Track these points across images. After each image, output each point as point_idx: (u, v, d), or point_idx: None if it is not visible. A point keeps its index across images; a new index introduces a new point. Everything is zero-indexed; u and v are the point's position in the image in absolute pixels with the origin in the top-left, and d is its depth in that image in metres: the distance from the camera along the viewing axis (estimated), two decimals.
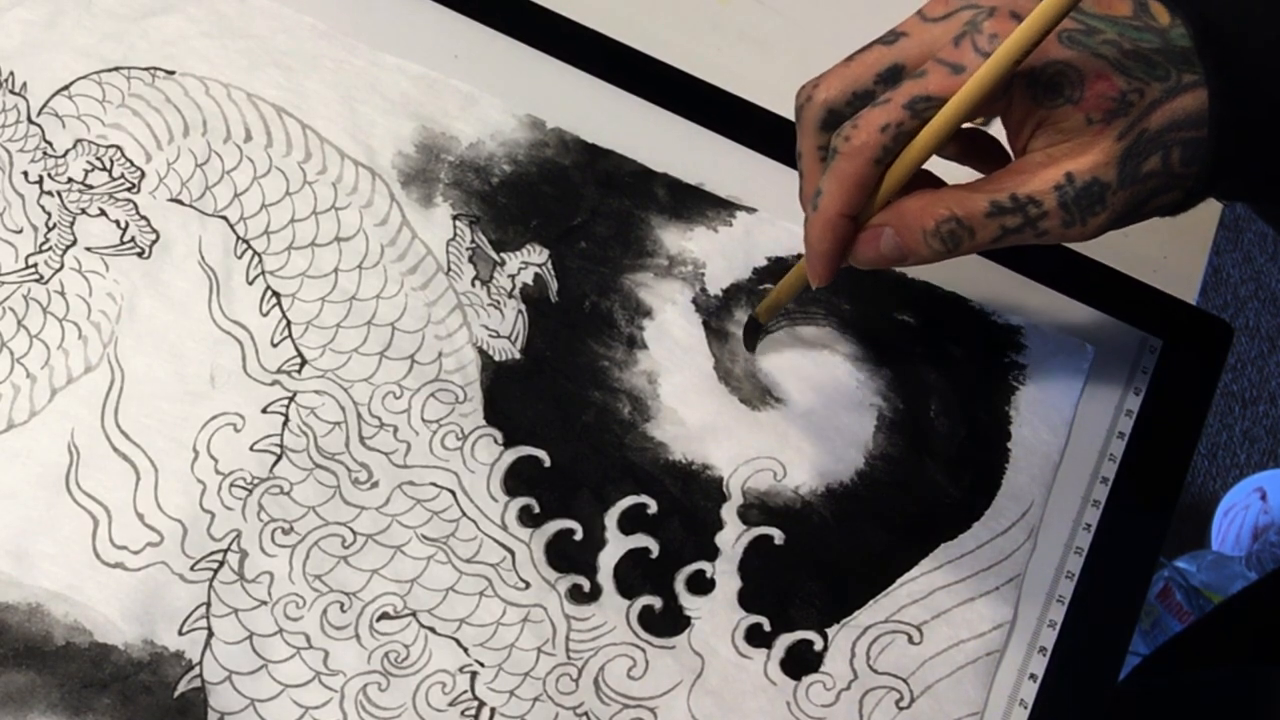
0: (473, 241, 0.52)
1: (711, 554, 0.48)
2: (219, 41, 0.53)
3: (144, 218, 0.50)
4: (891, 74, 0.40)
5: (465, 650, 0.45)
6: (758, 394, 0.51)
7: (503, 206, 0.52)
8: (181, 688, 0.43)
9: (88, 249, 0.49)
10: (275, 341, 0.49)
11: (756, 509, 0.49)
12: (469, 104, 0.54)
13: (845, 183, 0.40)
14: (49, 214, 0.50)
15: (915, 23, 0.41)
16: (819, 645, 0.47)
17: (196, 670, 0.44)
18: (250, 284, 0.50)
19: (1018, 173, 0.39)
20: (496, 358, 0.50)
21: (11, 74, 0.52)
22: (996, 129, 0.43)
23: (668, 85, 0.56)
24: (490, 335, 0.50)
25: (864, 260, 0.42)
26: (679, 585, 0.47)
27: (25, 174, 0.50)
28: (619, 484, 0.48)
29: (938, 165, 0.42)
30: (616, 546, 0.47)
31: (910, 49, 0.40)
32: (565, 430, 0.49)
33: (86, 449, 0.46)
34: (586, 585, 0.47)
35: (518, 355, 0.50)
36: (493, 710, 0.45)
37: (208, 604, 0.45)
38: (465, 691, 0.45)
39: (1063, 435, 0.52)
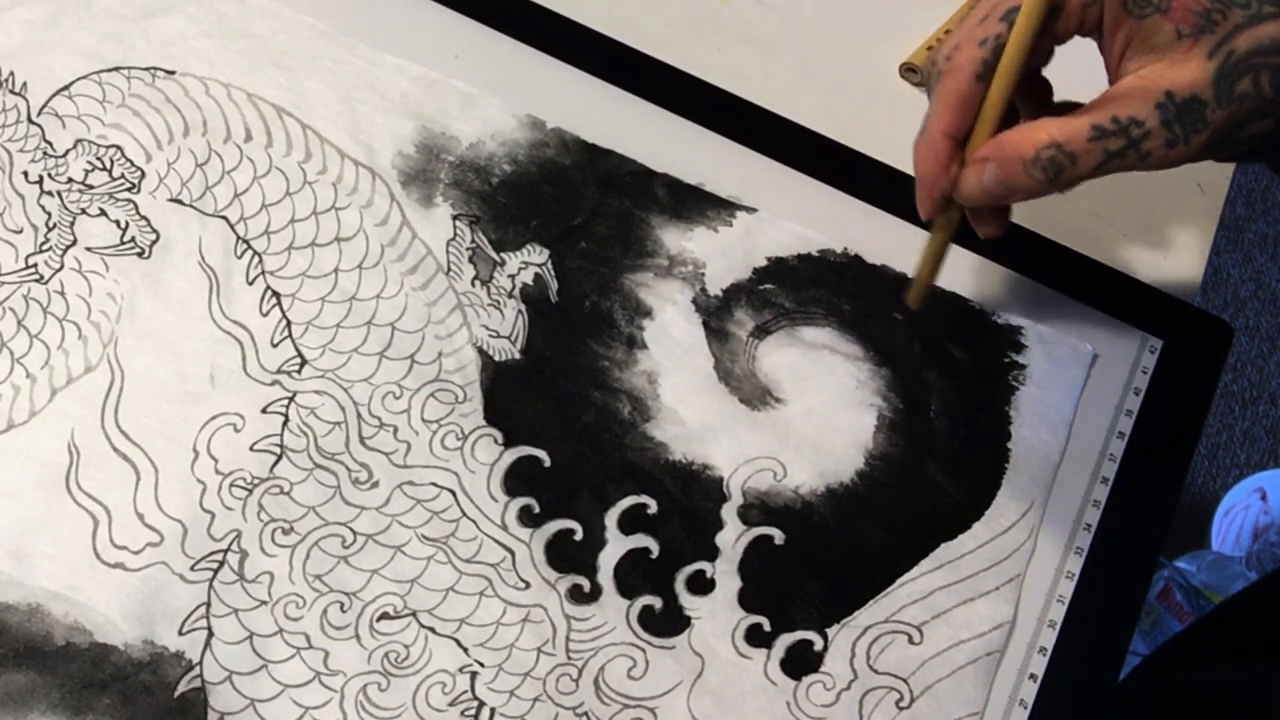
0: (473, 241, 0.52)
1: (711, 554, 0.48)
2: (219, 41, 0.53)
3: (144, 218, 0.50)
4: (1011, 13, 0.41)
5: (465, 650, 0.45)
6: (758, 394, 0.51)
7: (503, 206, 0.52)
8: (181, 688, 0.43)
9: (88, 249, 0.49)
10: (275, 341, 0.49)
11: (756, 509, 0.49)
12: (469, 104, 0.54)
13: (948, 100, 0.40)
14: (49, 214, 0.50)
15: None
16: (819, 645, 0.47)
17: (196, 670, 0.44)
18: (250, 284, 0.50)
19: (1115, 97, 0.40)
20: (496, 358, 0.50)
21: (11, 74, 0.52)
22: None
23: (668, 85, 0.56)
24: (490, 335, 0.50)
25: (968, 195, 0.42)
26: (679, 585, 0.47)
27: (25, 174, 0.50)
28: (619, 484, 0.48)
29: None
30: (616, 546, 0.47)
31: None
32: (565, 430, 0.49)
33: (86, 449, 0.46)
34: (586, 585, 0.47)
35: (518, 355, 0.50)
36: (493, 710, 0.45)
37: (208, 604, 0.45)
38: (465, 691, 0.45)
39: (1063, 435, 0.52)
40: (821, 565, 0.48)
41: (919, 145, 0.42)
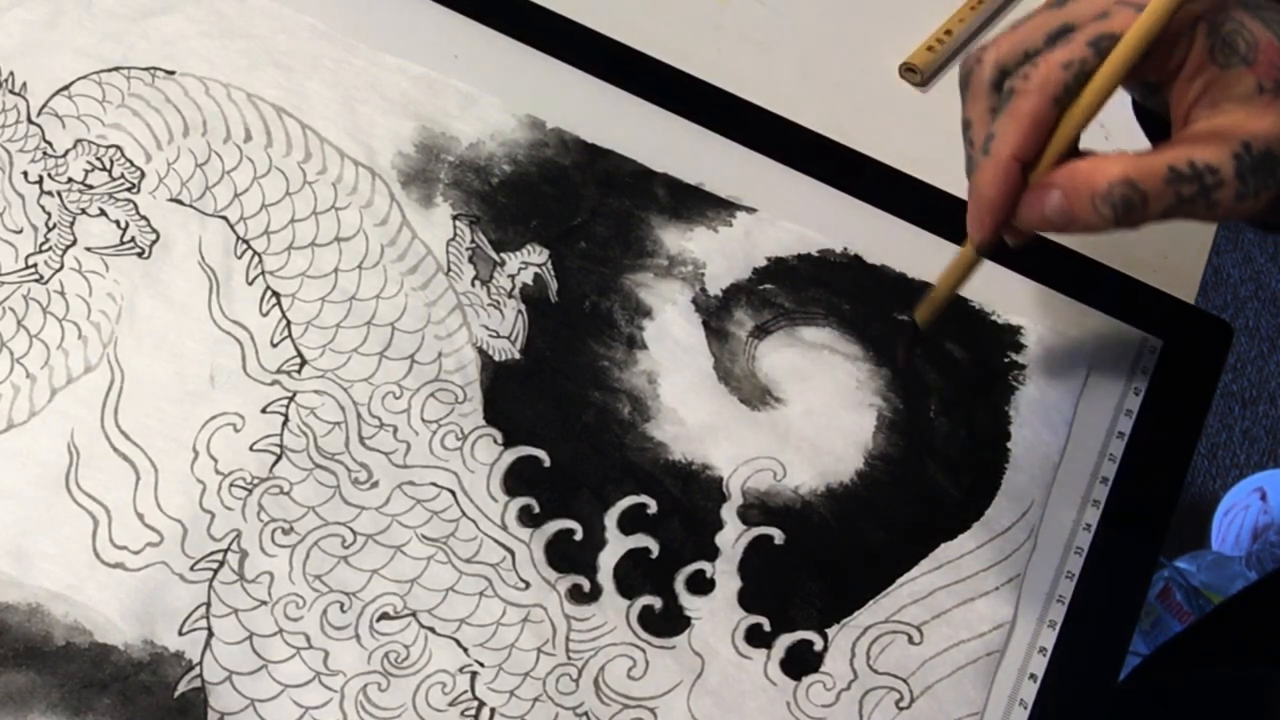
0: (473, 241, 0.52)
1: (711, 554, 0.48)
2: (219, 41, 0.53)
3: (144, 218, 0.50)
4: (1062, 33, 0.39)
5: (465, 650, 0.45)
6: (758, 394, 0.51)
7: (503, 206, 0.52)
8: (181, 688, 0.43)
9: (88, 249, 0.49)
10: (275, 341, 0.49)
11: (756, 509, 0.49)
12: (469, 104, 0.54)
13: (1023, 122, 0.38)
14: (49, 214, 0.50)
15: None
16: (819, 645, 0.47)
17: (196, 670, 0.44)
18: (250, 284, 0.50)
19: (1190, 141, 0.38)
20: (496, 358, 0.50)
21: (11, 74, 0.52)
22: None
23: (668, 85, 0.56)
24: (490, 335, 0.50)
25: (1027, 221, 0.40)
26: (679, 585, 0.47)
27: (25, 174, 0.50)
28: (619, 484, 0.48)
29: None
30: (616, 546, 0.47)
31: (1080, 10, 0.39)
32: (565, 430, 0.49)
33: (86, 449, 0.46)
34: (586, 585, 0.47)
35: (518, 355, 0.50)
36: (493, 710, 0.45)
37: (208, 604, 0.45)
38: (465, 691, 0.45)
39: (1063, 435, 0.52)
40: (821, 565, 0.48)
41: (984, 168, 0.39)
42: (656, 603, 0.47)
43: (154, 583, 0.45)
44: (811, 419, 0.50)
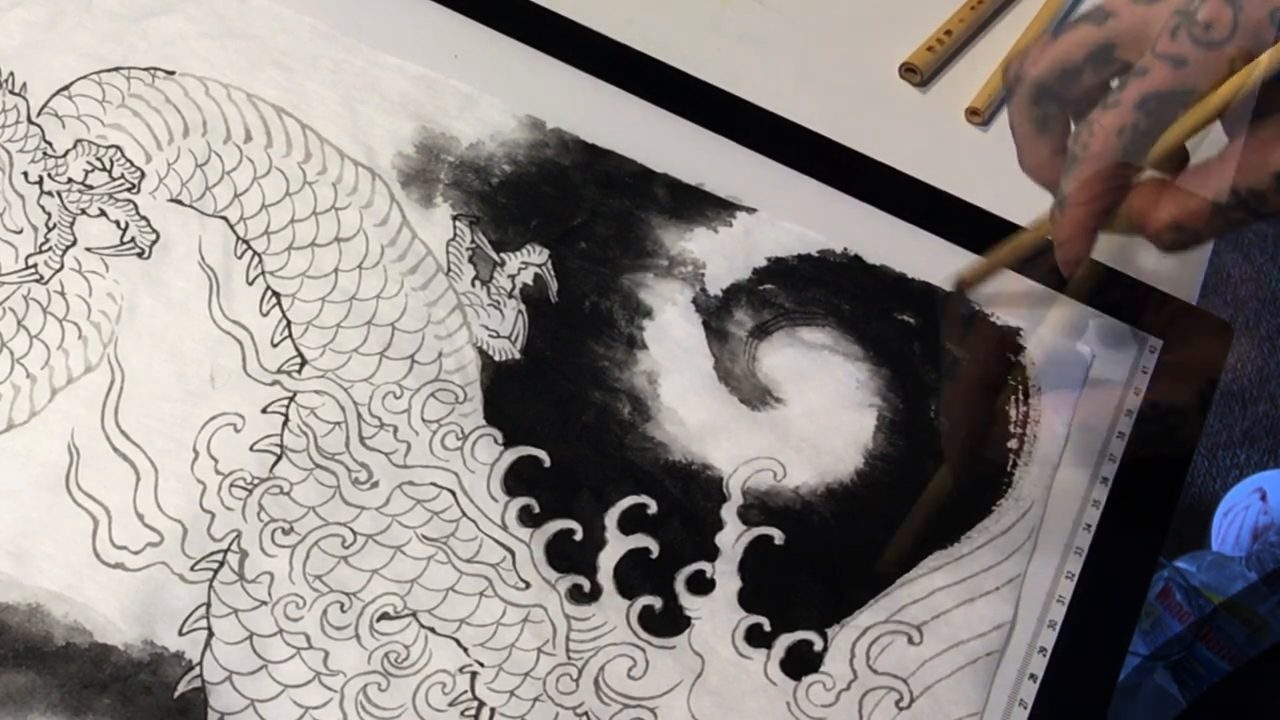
0: (473, 242, 0.52)
1: (711, 554, 0.48)
2: (219, 42, 0.54)
3: (144, 218, 0.50)
4: (1102, 52, 0.41)
5: (465, 650, 0.45)
6: (758, 394, 0.51)
7: (503, 207, 0.52)
8: (181, 688, 0.43)
9: (88, 249, 0.49)
10: (275, 341, 0.49)
11: (756, 509, 0.49)
12: (469, 104, 0.54)
13: (1088, 187, 0.41)
14: (49, 214, 0.50)
15: (1123, 3, 0.42)
16: (819, 645, 0.47)
17: (196, 670, 0.44)
18: (250, 284, 0.50)
19: (1232, 161, 0.40)
20: (496, 358, 0.50)
21: (11, 74, 0.52)
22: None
23: (668, 85, 0.56)
24: (490, 335, 0.50)
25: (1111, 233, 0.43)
26: (679, 585, 0.47)
27: (25, 174, 0.50)
28: (619, 484, 0.48)
29: None
30: (616, 546, 0.47)
31: (1120, 29, 0.41)
32: (565, 430, 0.49)
33: (86, 449, 0.46)
34: (586, 585, 0.47)
35: (518, 355, 0.50)
36: (493, 710, 0.45)
37: (208, 604, 0.45)
38: (465, 691, 0.45)
39: (1062, 435, 0.52)
40: (821, 565, 0.48)
41: (1062, 226, 0.42)
42: (656, 603, 0.47)
43: (154, 583, 0.45)
44: (811, 419, 0.50)
